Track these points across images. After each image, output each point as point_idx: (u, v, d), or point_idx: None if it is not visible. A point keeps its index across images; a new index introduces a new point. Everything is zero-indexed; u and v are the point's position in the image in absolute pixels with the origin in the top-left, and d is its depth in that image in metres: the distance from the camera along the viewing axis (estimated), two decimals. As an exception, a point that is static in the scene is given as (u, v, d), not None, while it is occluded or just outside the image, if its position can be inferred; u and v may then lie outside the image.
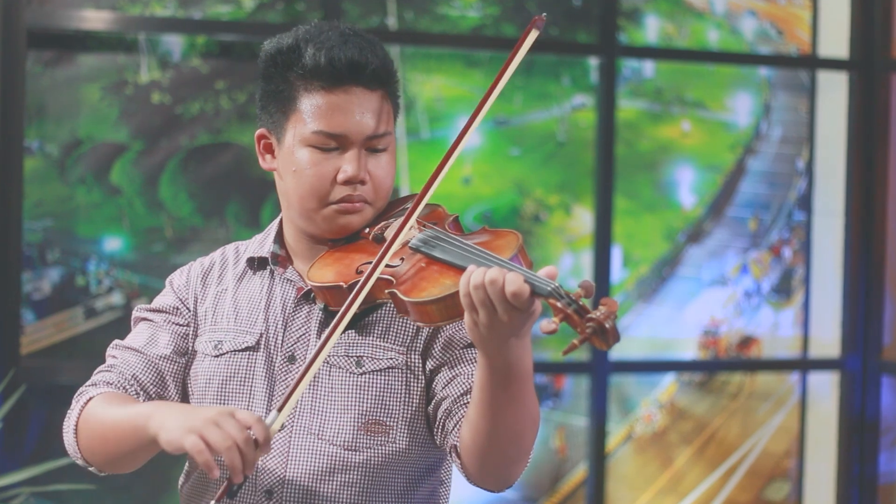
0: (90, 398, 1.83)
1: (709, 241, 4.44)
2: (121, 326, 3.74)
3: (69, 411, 1.86)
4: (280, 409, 1.65)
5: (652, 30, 4.36)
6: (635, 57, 4.30)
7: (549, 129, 4.20)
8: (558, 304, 1.52)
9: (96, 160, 3.74)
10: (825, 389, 4.51)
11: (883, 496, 4.46)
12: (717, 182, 4.44)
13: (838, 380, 4.49)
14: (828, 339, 4.51)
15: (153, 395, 1.88)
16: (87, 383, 1.89)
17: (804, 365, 4.52)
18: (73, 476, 3.50)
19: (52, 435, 3.68)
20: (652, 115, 4.35)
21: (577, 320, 1.52)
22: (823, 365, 4.50)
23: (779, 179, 4.53)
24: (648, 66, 4.35)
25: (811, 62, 4.51)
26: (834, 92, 4.50)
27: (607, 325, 1.49)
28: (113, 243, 3.76)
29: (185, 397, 1.93)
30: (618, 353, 4.16)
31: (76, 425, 1.83)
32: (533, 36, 1.75)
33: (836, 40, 4.48)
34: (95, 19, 3.66)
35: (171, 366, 1.90)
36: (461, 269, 1.62)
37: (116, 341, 1.94)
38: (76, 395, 1.88)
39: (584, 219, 4.22)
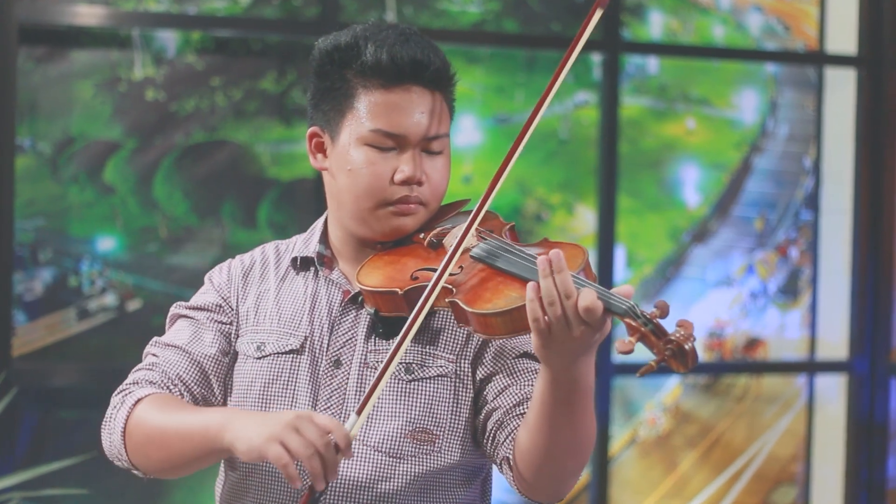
0: (139, 399, 1.78)
1: (714, 241, 4.43)
2: (115, 328, 3.74)
3: (111, 411, 1.81)
4: (359, 413, 1.64)
5: (656, 25, 4.36)
6: (639, 53, 4.30)
7: (551, 126, 4.19)
8: (634, 324, 1.52)
9: (89, 158, 3.74)
10: (833, 392, 4.51)
11: (892, 501, 4.46)
12: (723, 181, 4.44)
13: (846, 382, 4.48)
14: (835, 340, 4.51)
15: (197, 396, 1.85)
16: (128, 381, 1.85)
17: (811, 367, 4.52)
18: (65, 480, 3.49)
19: (44, 438, 3.67)
20: (656, 112, 4.34)
21: (654, 341, 1.51)
22: (831, 367, 4.49)
23: (785, 178, 4.53)
24: (652, 63, 4.34)
25: (818, 58, 4.51)
26: (842, 89, 4.49)
27: (687, 347, 1.49)
28: (106, 243, 3.75)
29: (226, 397, 1.90)
30: (621, 355, 4.15)
31: (124, 428, 1.78)
32: (598, 15, 1.74)
33: (843, 36, 4.48)
34: (88, 14, 3.66)
35: (216, 365, 1.87)
36: (527, 282, 1.60)
37: (156, 339, 1.91)
38: (118, 393, 1.84)
39: (586, 218, 4.22)
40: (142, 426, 1.76)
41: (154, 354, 1.88)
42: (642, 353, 1.53)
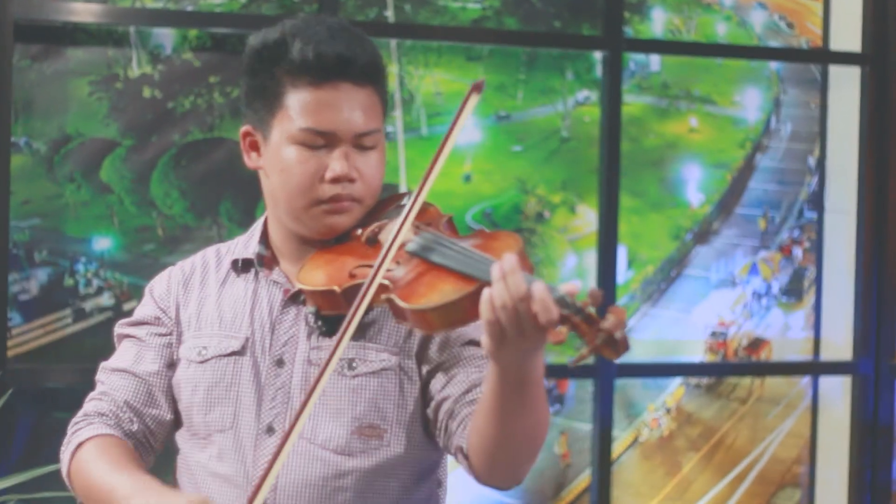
0: (81, 443, 1.87)
1: (717, 241, 4.44)
2: (110, 329, 3.72)
3: (64, 446, 1.90)
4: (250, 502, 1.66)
5: (658, 22, 4.36)
6: (641, 50, 4.30)
7: (553, 124, 4.20)
8: (565, 313, 1.52)
9: (85, 157, 3.74)
10: (837, 393, 4.51)
11: (897, 503, 4.46)
12: (726, 179, 4.45)
13: (850, 383, 4.49)
14: (840, 341, 4.51)
15: (147, 418, 1.91)
16: (80, 415, 1.92)
17: (815, 368, 4.52)
18: (61, 483, 3.49)
19: (39, 440, 3.68)
20: (658, 110, 4.35)
21: (585, 329, 1.52)
22: (835, 368, 4.50)
23: (789, 177, 4.53)
24: (655, 60, 4.35)
25: (823, 56, 4.51)
26: (846, 87, 4.50)
27: (617, 336, 1.50)
28: (102, 243, 3.76)
29: (175, 405, 1.95)
30: (623, 356, 4.16)
31: (69, 472, 1.89)
32: (474, 100, 1.74)
33: (848, 33, 4.48)
34: (84, 11, 3.67)
35: (161, 381, 1.93)
36: (461, 275, 1.63)
37: (103, 364, 1.97)
38: (72, 426, 1.92)
39: (588, 217, 4.22)
40: (79, 473, 1.86)
41: (102, 382, 1.95)
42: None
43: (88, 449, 1.85)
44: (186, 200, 3.82)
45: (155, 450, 1.95)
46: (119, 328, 2.00)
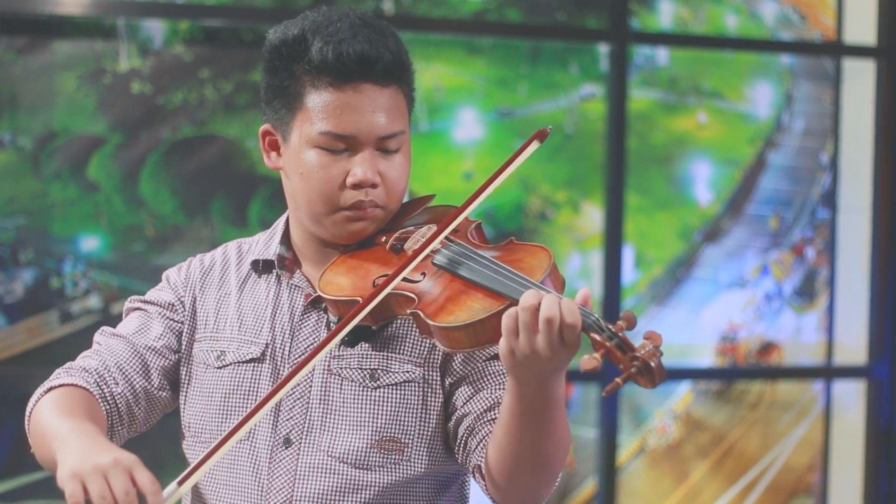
0: (52, 387, 1.81)
1: (727, 241, 4.44)
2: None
3: (36, 391, 1.85)
4: (181, 483, 1.60)
5: (666, 14, 4.36)
6: (648, 43, 4.30)
7: (557, 120, 4.19)
8: (599, 338, 1.50)
9: (72, 154, 3.74)
10: (851, 399, 4.51)
11: (913, 513, 4.46)
12: (736, 177, 4.44)
13: (865, 388, 4.49)
14: (854, 345, 4.51)
15: (136, 386, 1.86)
16: (66, 365, 1.88)
17: (828, 373, 4.52)
18: (47, 491, 3.49)
19: (25, 448, 3.67)
20: (666, 105, 4.34)
21: (619, 356, 1.50)
22: (849, 373, 4.49)
23: (801, 174, 4.53)
24: (662, 54, 4.34)
25: (836, 49, 4.51)
26: (860, 81, 4.49)
27: (653, 364, 1.48)
28: (90, 243, 3.75)
29: (175, 396, 1.92)
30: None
31: (30, 412, 1.82)
32: (534, 147, 1.73)
33: (862, 26, 4.48)
34: (71, 3, 3.66)
35: (159, 359, 1.89)
36: (490, 292, 1.61)
37: (105, 328, 1.93)
38: (52, 375, 1.86)
39: (593, 217, 4.22)
40: (35, 416, 1.79)
41: (98, 343, 1.91)
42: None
43: (58, 394, 1.80)
44: (177, 199, 3.82)
45: (136, 423, 1.88)
46: (129, 303, 1.97)
